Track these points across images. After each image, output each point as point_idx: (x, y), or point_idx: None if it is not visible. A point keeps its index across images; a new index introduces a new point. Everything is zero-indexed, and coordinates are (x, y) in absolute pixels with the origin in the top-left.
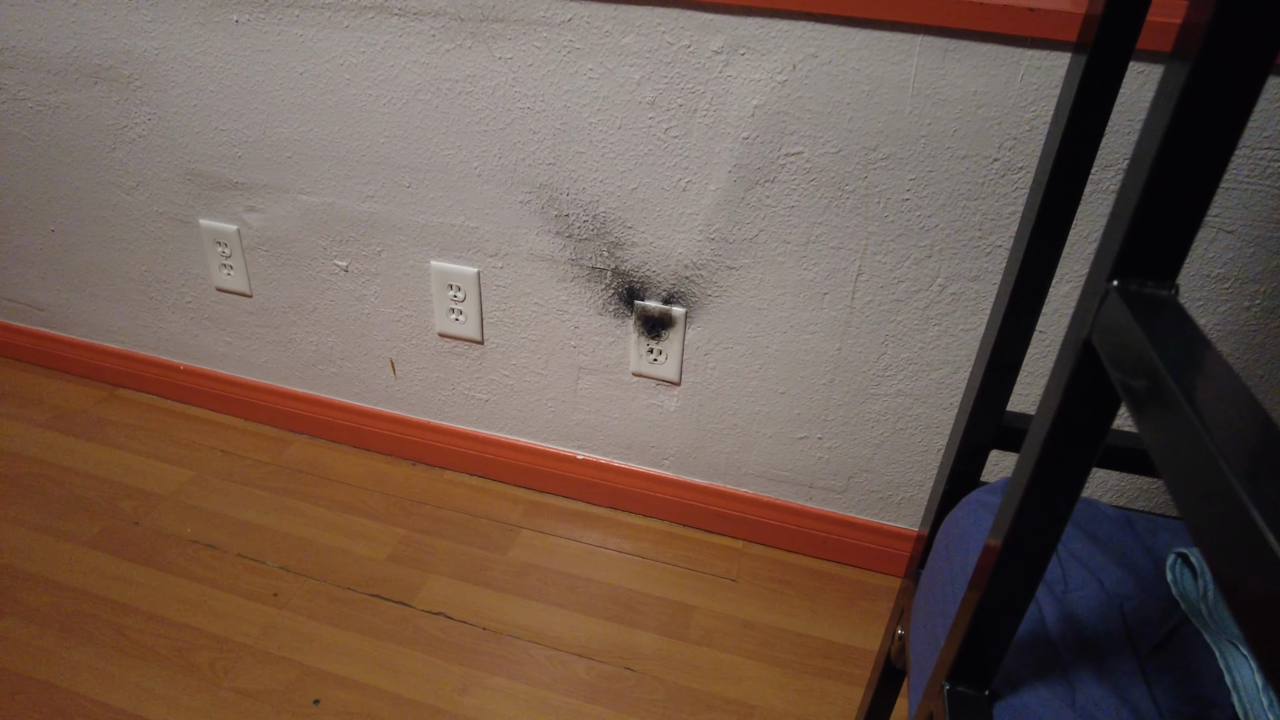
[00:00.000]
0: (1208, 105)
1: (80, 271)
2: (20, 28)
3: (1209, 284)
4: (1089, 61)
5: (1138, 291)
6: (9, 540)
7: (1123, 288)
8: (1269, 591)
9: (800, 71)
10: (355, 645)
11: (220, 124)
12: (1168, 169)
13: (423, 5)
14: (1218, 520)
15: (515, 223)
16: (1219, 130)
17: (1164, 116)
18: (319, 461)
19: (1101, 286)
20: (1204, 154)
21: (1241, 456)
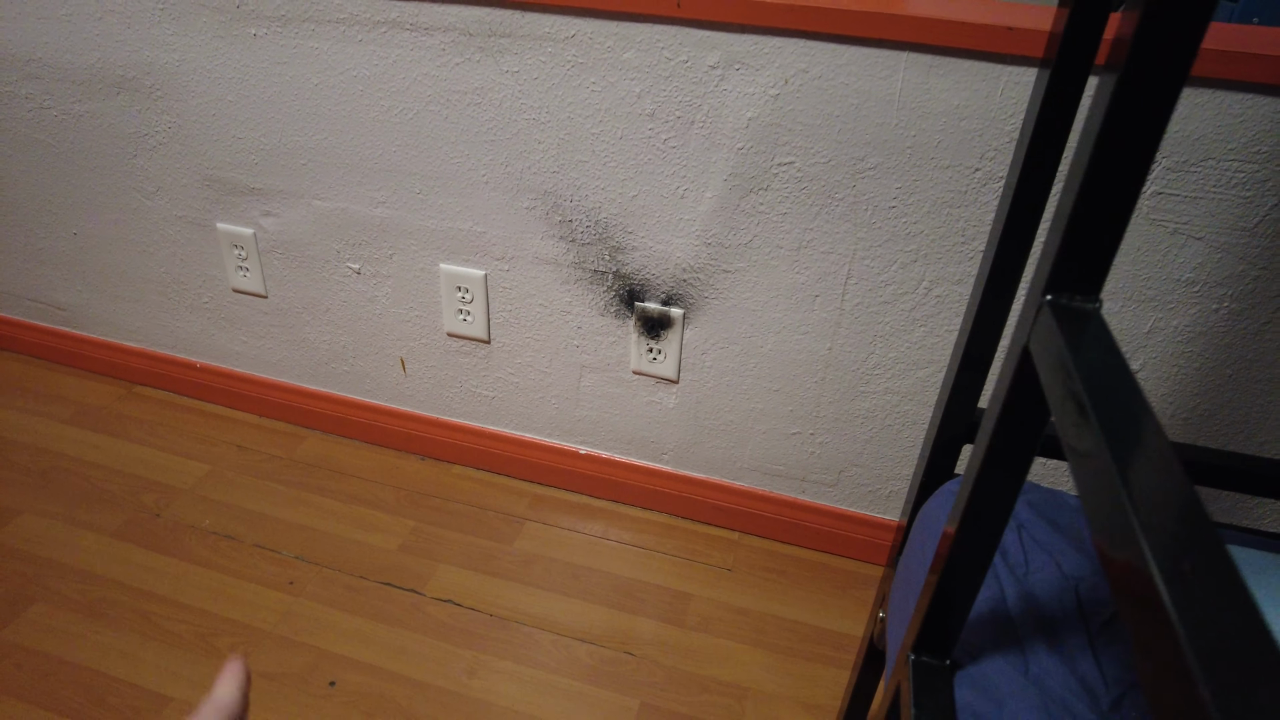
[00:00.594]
0: (1133, 112)
1: (101, 273)
2: (46, 40)
3: (1179, 288)
4: (1052, 76)
5: (1067, 305)
6: (37, 530)
7: (1054, 302)
8: (1130, 561)
9: (792, 86)
10: (368, 631)
11: (238, 132)
12: (1095, 183)
13: (433, 20)
14: (1103, 505)
15: (521, 228)
16: (1142, 137)
17: (1095, 123)
18: (332, 456)
19: (1038, 300)
20: (1128, 164)
21: (1126, 455)
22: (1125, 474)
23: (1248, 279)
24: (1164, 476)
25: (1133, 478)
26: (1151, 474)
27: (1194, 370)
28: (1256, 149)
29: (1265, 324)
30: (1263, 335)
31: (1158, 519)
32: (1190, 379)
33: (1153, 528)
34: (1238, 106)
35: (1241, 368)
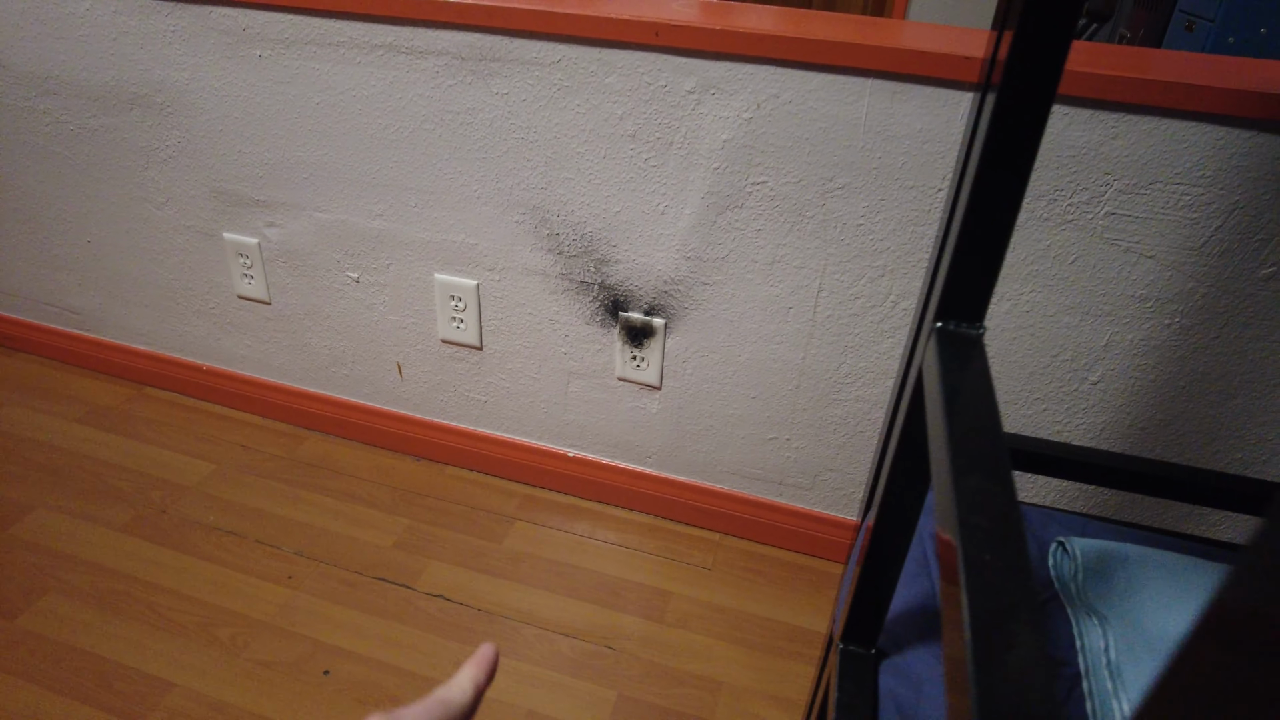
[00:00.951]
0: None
1: (113, 279)
2: (65, 59)
3: (1133, 304)
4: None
5: (953, 331)
6: (50, 525)
7: (943, 329)
8: (950, 542)
9: (764, 110)
10: (362, 623)
11: (244, 147)
12: (973, 215)
13: (428, 45)
14: (942, 500)
15: (511, 240)
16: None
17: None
18: (331, 456)
19: (930, 327)
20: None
21: (967, 465)
22: (959, 481)
23: (1197, 296)
24: (993, 486)
25: (964, 484)
26: (983, 483)
27: (1149, 382)
28: (1200, 173)
29: (1214, 339)
30: (1212, 349)
31: (975, 519)
32: (1146, 390)
33: (969, 524)
34: (1182, 133)
35: (1194, 380)
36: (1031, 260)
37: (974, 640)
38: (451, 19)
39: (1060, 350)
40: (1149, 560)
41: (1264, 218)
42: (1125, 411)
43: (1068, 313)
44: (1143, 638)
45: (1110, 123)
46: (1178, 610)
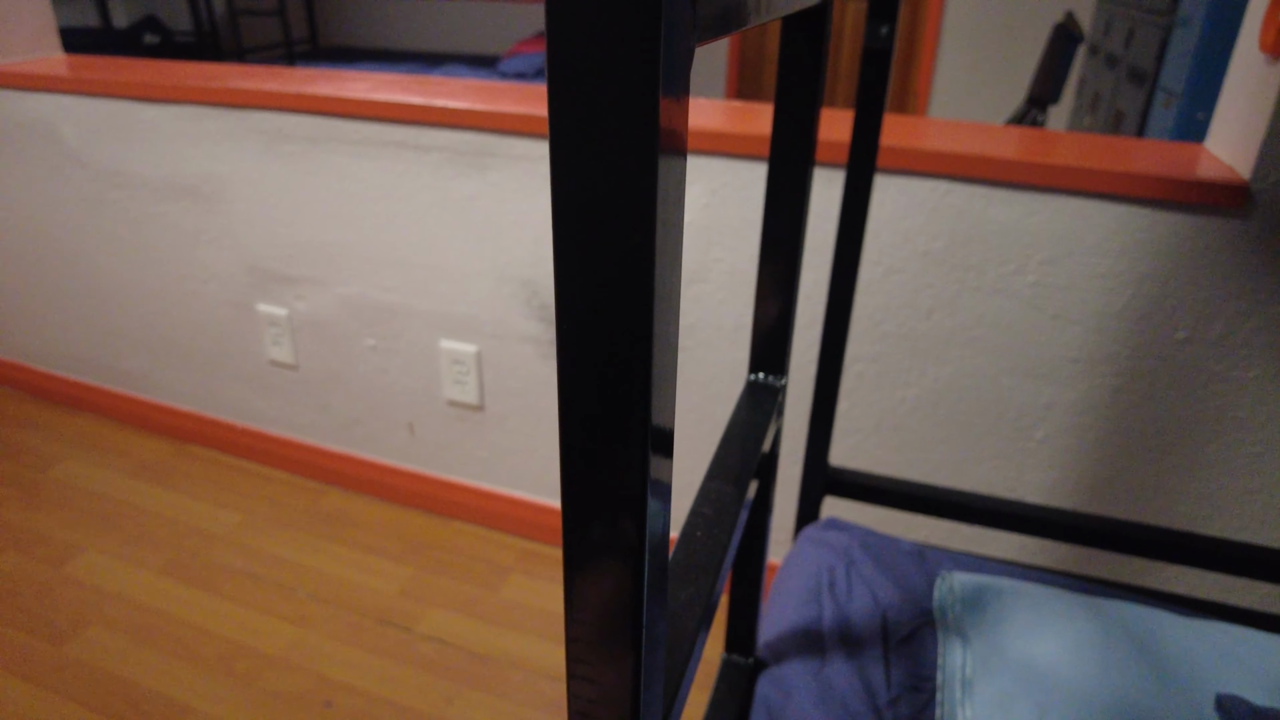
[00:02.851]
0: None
1: (162, 345)
2: (132, 157)
3: (1066, 365)
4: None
5: (762, 382)
6: (97, 564)
7: (754, 381)
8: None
9: (719, 196)
10: (364, 661)
11: (277, 230)
12: (764, 280)
13: (432, 142)
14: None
15: (506, 311)
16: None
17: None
18: (347, 510)
19: (746, 379)
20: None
21: (716, 468)
22: (707, 483)
23: (1122, 358)
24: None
25: (709, 485)
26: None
27: (1090, 441)
28: (1109, 246)
29: (1144, 398)
30: (1144, 408)
31: (705, 509)
32: (1088, 449)
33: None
34: (1087, 210)
35: (1131, 438)
36: (969, 326)
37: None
38: (450, 121)
39: (1005, 410)
40: (1020, 592)
41: (1171, 285)
42: (1072, 468)
43: (1008, 375)
44: (1002, 658)
45: (1025, 202)
46: (1039, 635)
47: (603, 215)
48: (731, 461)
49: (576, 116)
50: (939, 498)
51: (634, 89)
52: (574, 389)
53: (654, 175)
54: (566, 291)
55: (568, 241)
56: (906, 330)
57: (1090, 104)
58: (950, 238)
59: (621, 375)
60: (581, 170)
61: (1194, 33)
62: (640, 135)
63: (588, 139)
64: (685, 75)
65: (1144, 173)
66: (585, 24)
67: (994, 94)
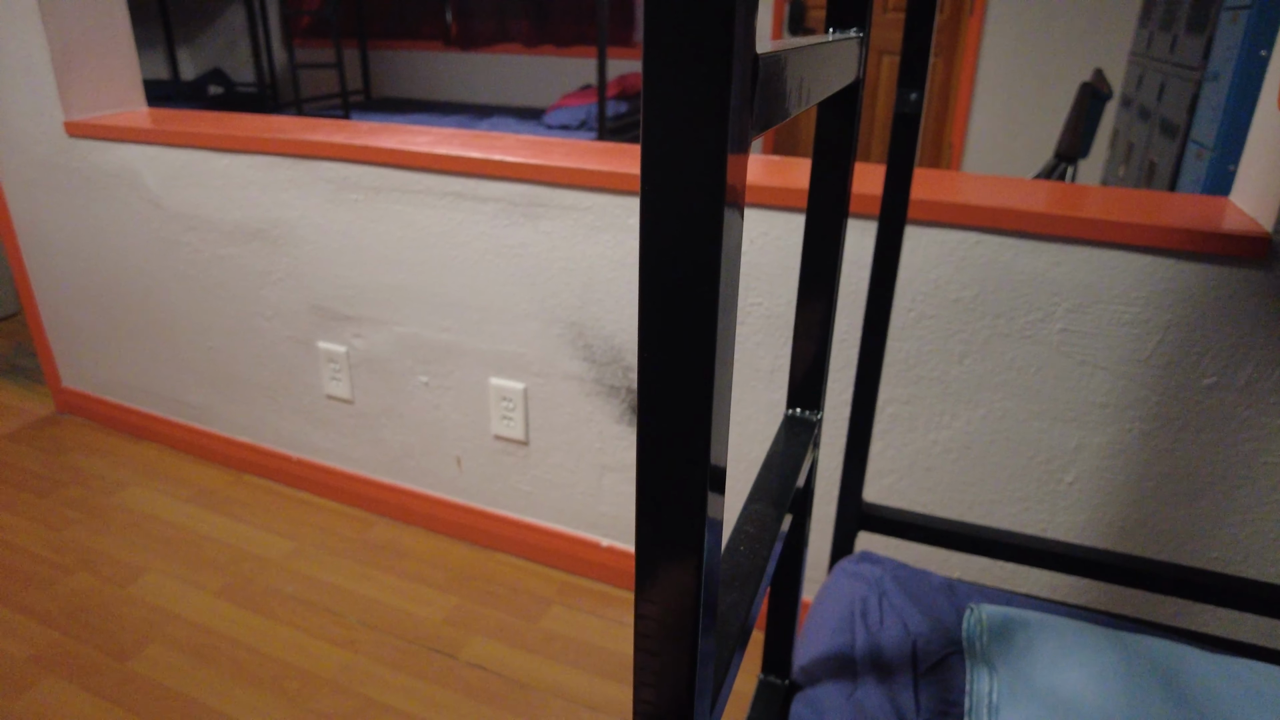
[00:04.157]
0: (819, 241)
1: (225, 379)
2: (205, 201)
3: (1094, 410)
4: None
5: (799, 417)
6: (158, 586)
7: (791, 415)
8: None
9: (756, 245)
10: (409, 685)
11: (339, 272)
12: (801, 322)
13: (488, 193)
14: (740, 522)
15: (553, 350)
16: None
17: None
18: (395, 540)
19: (784, 413)
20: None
21: (757, 493)
22: (748, 505)
23: (1150, 403)
24: (767, 509)
25: (750, 507)
26: (762, 508)
27: (1119, 484)
28: (1134, 295)
29: (1173, 443)
30: (1173, 453)
31: (748, 527)
32: (1119, 491)
33: (741, 530)
34: (1113, 261)
35: (1161, 482)
36: (999, 371)
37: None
38: (506, 174)
39: (1035, 453)
40: (1047, 625)
41: (1197, 333)
42: (1102, 510)
43: (1037, 418)
44: (1029, 686)
45: (1051, 252)
46: (1065, 666)
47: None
48: (771, 486)
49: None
50: (970, 534)
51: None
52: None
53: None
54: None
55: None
56: (939, 374)
57: (1124, 156)
58: (980, 286)
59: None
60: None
61: (1224, 87)
62: (708, 205)
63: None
64: (743, 164)
65: (1168, 225)
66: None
67: (1026, 148)
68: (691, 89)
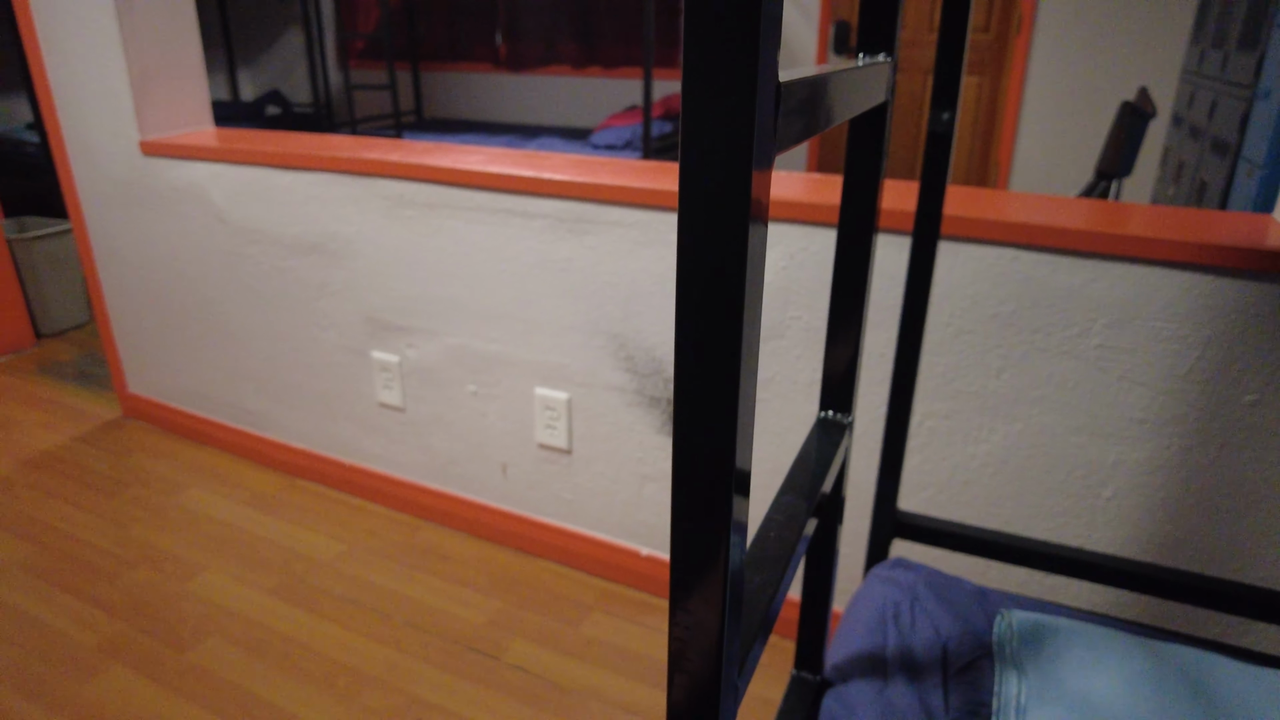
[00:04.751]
0: (850, 252)
1: (282, 387)
2: (268, 217)
3: (1133, 426)
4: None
5: (831, 419)
6: (216, 583)
7: (824, 417)
8: None
9: (796, 260)
10: (453, 684)
11: (393, 285)
12: (834, 327)
13: (536, 210)
14: (774, 509)
15: (596, 361)
16: (858, 272)
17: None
18: (441, 545)
19: (817, 415)
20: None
21: (787, 485)
22: (780, 497)
23: (1190, 420)
24: (796, 499)
25: (780, 499)
26: (791, 499)
27: (1160, 500)
28: (1173, 311)
29: (1214, 460)
30: (1214, 469)
31: (777, 515)
32: (1159, 507)
33: (771, 519)
34: (1151, 278)
35: (1202, 498)
36: (1037, 386)
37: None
38: (554, 191)
39: (1073, 468)
40: (1078, 631)
41: (1238, 349)
42: (1142, 526)
43: (1075, 433)
44: (1058, 690)
45: (1089, 268)
46: (1095, 671)
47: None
48: (802, 481)
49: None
50: (1004, 542)
51: (733, 189)
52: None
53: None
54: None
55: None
56: (977, 388)
57: (1174, 175)
58: (1018, 302)
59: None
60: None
61: (1274, 105)
62: (734, 216)
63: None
64: (767, 178)
65: (1208, 241)
66: (703, 145)
67: (1074, 168)
68: (721, 112)
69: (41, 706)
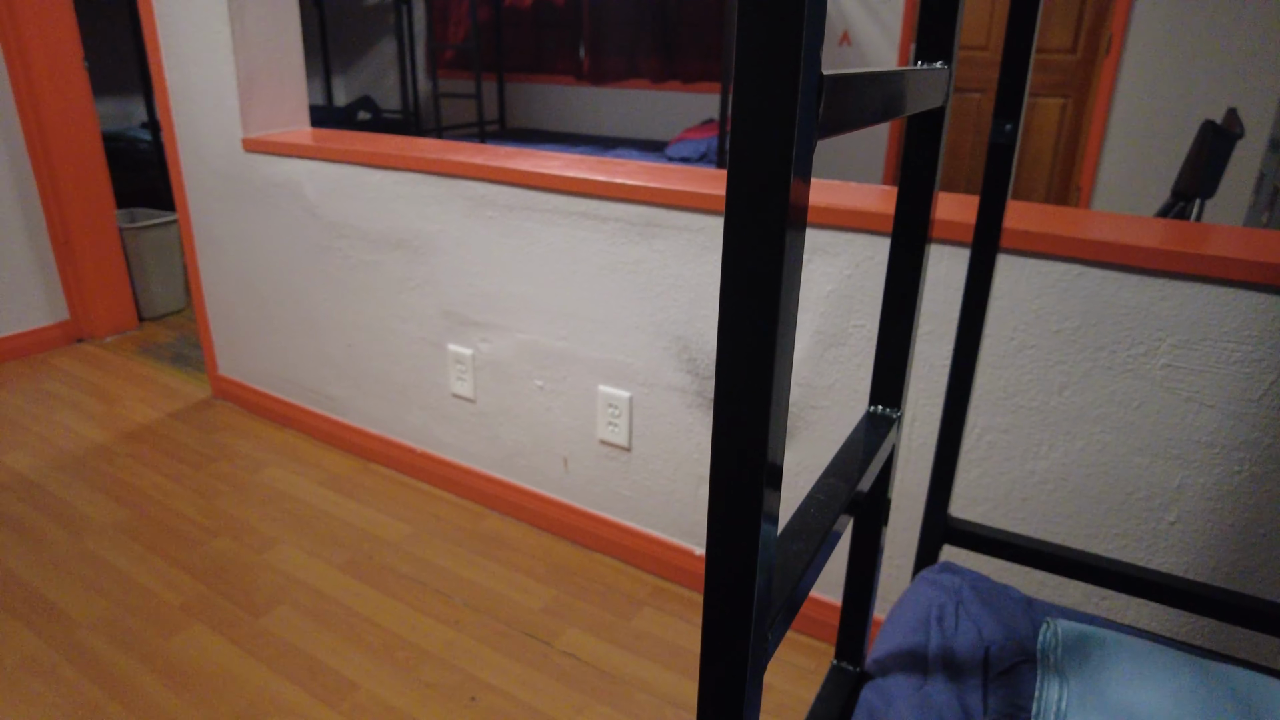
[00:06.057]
0: (903, 254)
1: (361, 375)
2: (357, 213)
3: (1200, 448)
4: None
5: (880, 414)
6: (290, 556)
7: (872, 412)
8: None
9: (861, 269)
10: (507, 666)
11: (471, 281)
12: (886, 329)
13: (607, 214)
14: (807, 502)
15: (659, 362)
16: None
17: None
18: (503, 533)
19: (866, 409)
20: (902, 311)
21: (830, 470)
22: (822, 480)
23: (1263, 445)
24: (837, 482)
25: (823, 482)
26: (833, 481)
27: (1228, 527)
28: (1247, 333)
29: None
30: None
31: (819, 495)
32: (1226, 535)
33: (813, 497)
34: (1224, 298)
35: (1274, 528)
36: (1099, 404)
37: None
38: (626, 195)
39: (1135, 489)
40: (1125, 644)
41: None
42: (1207, 554)
43: (1138, 454)
44: (1100, 700)
45: (1156, 287)
46: (1139, 684)
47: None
48: (845, 467)
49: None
50: (1056, 553)
51: (774, 166)
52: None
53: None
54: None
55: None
56: (1038, 404)
57: (1269, 200)
58: (1082, 318)
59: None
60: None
61: None
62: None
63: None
64: (808, 159)
65: None
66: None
67: (1159, 193)
68: (768, 96)
69: (130, 656)
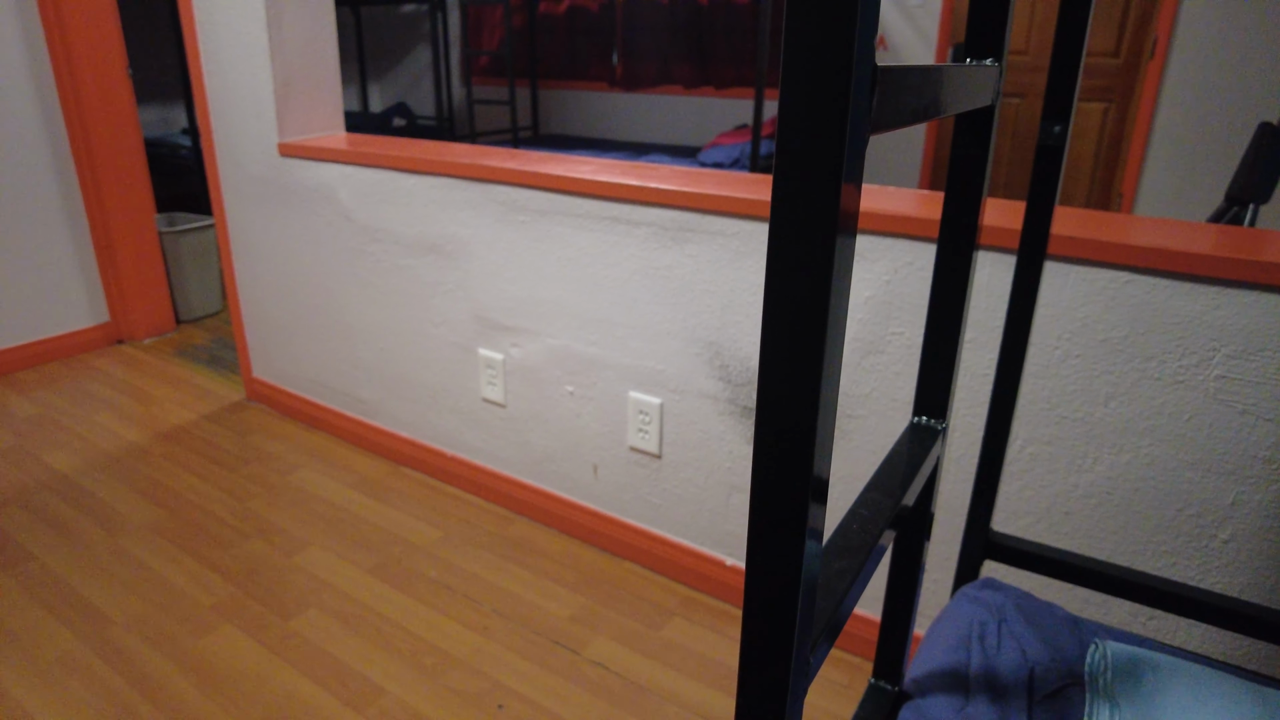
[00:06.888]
0: (952, 259)
1: (392, 378)
2: (392, 217)
3: (1257, 465)
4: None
5: (924, 425)
6: (320, 559)
7: (916, 423)
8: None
9: (900, 274)
10: (534, 674)
11: (502, 286)
12: (931, 338)
13: (640, 218)
14: (846, 521)
15: (690, 369)
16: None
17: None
18: (532, 539)
19: (910, 419)
20: (949, 319)
21: (873, 483)
22: (866, 493)
23: None
24: (879, 496)
25: (866, 495)
26: (876, 495)
27: None
28: None
29: None
30: None
31: (862, 510)
32: None
33: (856, 512)
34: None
35: None
36: (1147, 416)
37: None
38: (659, 200)
39: (1185, 505)
40: (1179, 669)
41: None
42: (1264, 574)
43: (1189, 468)
44: None
45: (1210, 295)
46: (1198, 711)
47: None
48: (889, 480)
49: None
50: (1102, 570)
51: (826, 163)
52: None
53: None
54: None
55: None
56: (1083, 415)
57: None
58: (1130, 327)
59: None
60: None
61: None
62: (826, 184)
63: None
64: (861, 156)
65: None
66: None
67: (1204, 200)
68: (819, 88)
69: (161, 654)
